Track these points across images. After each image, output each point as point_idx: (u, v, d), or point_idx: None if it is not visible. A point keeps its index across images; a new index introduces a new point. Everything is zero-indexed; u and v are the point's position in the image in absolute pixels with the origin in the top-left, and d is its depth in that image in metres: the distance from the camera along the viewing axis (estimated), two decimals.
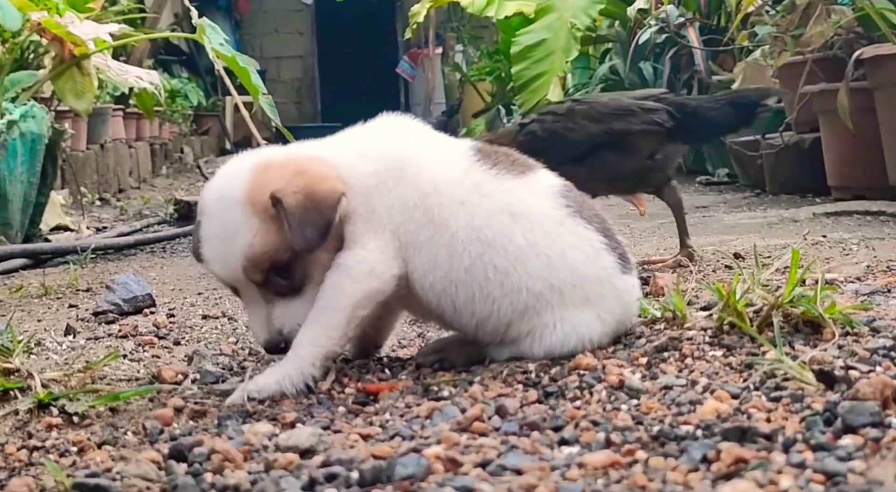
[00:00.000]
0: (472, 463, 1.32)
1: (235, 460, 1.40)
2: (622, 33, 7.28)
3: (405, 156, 1.77)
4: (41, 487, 1.32)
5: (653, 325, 2.02)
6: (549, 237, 1.75)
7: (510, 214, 1.74)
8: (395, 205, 1.73)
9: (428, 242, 1.73)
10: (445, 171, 1.77)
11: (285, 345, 1.69)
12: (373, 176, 1.73)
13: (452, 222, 1.73)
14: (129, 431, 1.56)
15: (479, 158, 1.79)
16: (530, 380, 1.73)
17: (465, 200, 1.75)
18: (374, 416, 1.61)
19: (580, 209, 1.80)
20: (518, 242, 1.74)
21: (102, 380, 1.82)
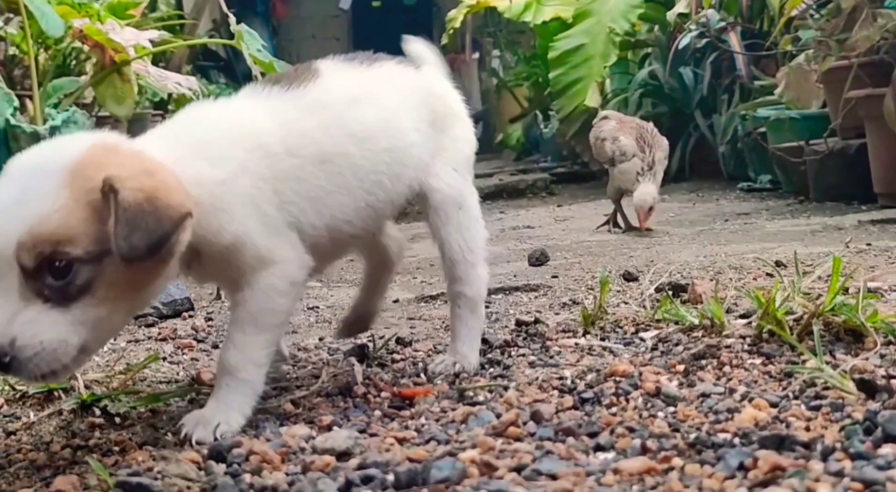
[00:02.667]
0: (507, 467, 1.35)
1: (273, 462, 1.43)
2: (661, 38, 7.25)
3: (251, 131, 1.62)
4: (85, 484, 1.37)
5: (690, 332, 2.03)
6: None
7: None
8: (279, 185, 1.61)
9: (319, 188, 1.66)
10: (287, 115, 1.66)
11: (6, 362, 1.32)
12: (243, 177, 1.57)
13: (337, 157, 1.68)
14: (170, 432, 1.61)
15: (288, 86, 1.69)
16: (566, 386, 1.75)
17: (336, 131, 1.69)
18: (410, 420, 1.63)
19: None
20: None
21: (143, 382, 1.87)
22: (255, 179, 1.58)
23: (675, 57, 6.79)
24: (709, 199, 5.82)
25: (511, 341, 2.12)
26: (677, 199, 5.85)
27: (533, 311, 2.50)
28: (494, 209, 6.34)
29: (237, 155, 1.57)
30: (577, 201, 6.42)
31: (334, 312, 2.71)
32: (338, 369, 1.91)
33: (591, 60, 7.10)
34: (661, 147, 4.39)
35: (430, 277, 3.47)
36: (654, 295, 2.54)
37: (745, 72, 6.38)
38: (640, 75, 7.21)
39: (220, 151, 1.57)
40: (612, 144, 4.42)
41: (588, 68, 7.07)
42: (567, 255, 3.82)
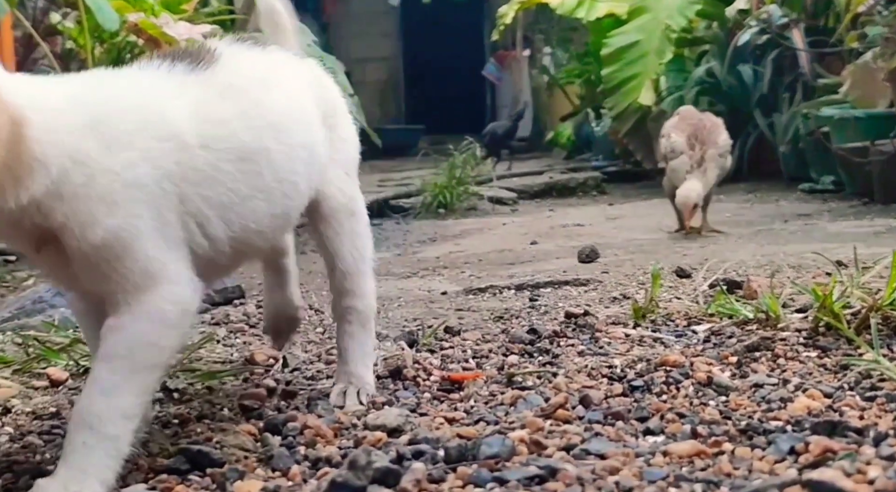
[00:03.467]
0: (556, 447, 1.40)
1: (326, 436, 1.51)
2: (720, 35, 7.21)
3: (162, 115, 1.36)
4: (148, 452, 1.46)
5: (744, 326, 2.06)
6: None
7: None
8: (187, 188, 1.34)
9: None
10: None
11: None
12: (142, 169, 1.30)
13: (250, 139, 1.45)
14: (226, 407, 1.69)
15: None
16: (615, 374, 1.79)
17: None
18: (459, 402, 1.69)
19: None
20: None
21: (199, 361, 1.97)
22: (159, 176, 1.31)
23: (734, 54, 6.75)
24: (767, 199, 5.79)
25: (560, 332, 2.17)
26: (734, 199, 5.83)
27: (582, 304, 2.54)
28: (544, 207, 6.38)
29: (141, 143, 1.31)
30: (629, 200, 6.43)
31: (382, 302, 2.78)
32: (387, 353, 1.98)
33: (645, 57, 7.09)
34: (715, 144, 4.36)
35: (479, 271, 3.53)
36: (707, 291, 2.57)
37: (808, 69, 6.32)
38: (697, 73, 7.18)
39: (119, 135, 1.30)
40: (666, 140, 4.44)
41: (642, 65, 7.07)
42: (618, 252, 3.85)
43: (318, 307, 2.69)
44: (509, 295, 2.85)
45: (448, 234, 5.13)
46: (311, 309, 2.67)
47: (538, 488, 1.23)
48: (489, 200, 6.40)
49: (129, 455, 1.29)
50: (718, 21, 7.26)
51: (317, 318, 2.54)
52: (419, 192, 6.40)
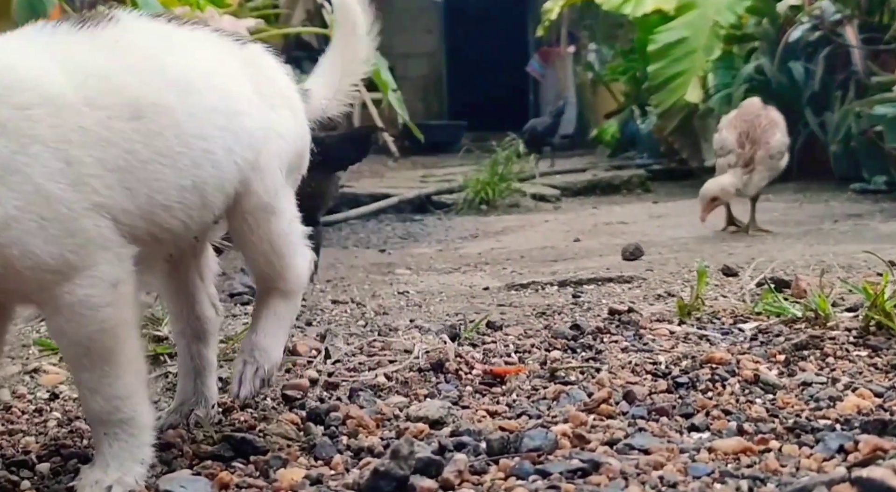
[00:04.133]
0: (600, 441, 1.40)
1: (368, 427, 1.53)
2: (770, 31, 7.11)
3: (26, 77, 1.24)
4: (192, 438, 1.49)
5: (792, 324, 2.04)
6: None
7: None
8: (73, 150, 1.22)
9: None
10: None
11: None
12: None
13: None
14: (269, 397, 1.72)
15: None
16: (660, 371, 1.79)
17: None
18: (501, 396, 1.70)
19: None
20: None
21: None
22: (24, 145, 1.18)
23: (785, 51, 6.65)
24: (817, 199, 5.70)
25: (603, 328, 2.16)
26: (783, 198, 5.75)
27: (626, 301, 2.53)
28: (587, 204, 6.35)
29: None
30: (674, 199, 6.37)
31: (423, 297, 2.79)
32: (430, 347, 1.99)
33: (693, 54, 7.02)
34: (766, 145, 4.28)
35: (521, 267, 3.53)
36: (754, 290, 2.54)
37: (861, 67, 6.21)
38: (746, 70, 7.09)
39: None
40: (718, 135, 4.39)
41: (690, 62, 7.00)
42: (662, 250, 3.82)
43: (359, 300, 2.71)
44: (552, 291, 2.84)
45: (490, 230, 5.13)
46: (353, 302, 2.69)
47: (581, 481, 1.24)
48: (532, 196, 6.39)
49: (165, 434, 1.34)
50: (769, 17, 7.16)
51: (358, 311, 2.56)
52: (461, 188, 6.41)
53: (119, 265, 1.25)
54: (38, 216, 1.18)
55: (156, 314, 2.07)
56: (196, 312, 1.61)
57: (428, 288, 2.98)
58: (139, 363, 1.32)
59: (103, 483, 1.26)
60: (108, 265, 1.24)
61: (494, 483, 1.25)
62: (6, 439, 1.53)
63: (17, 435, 1.56)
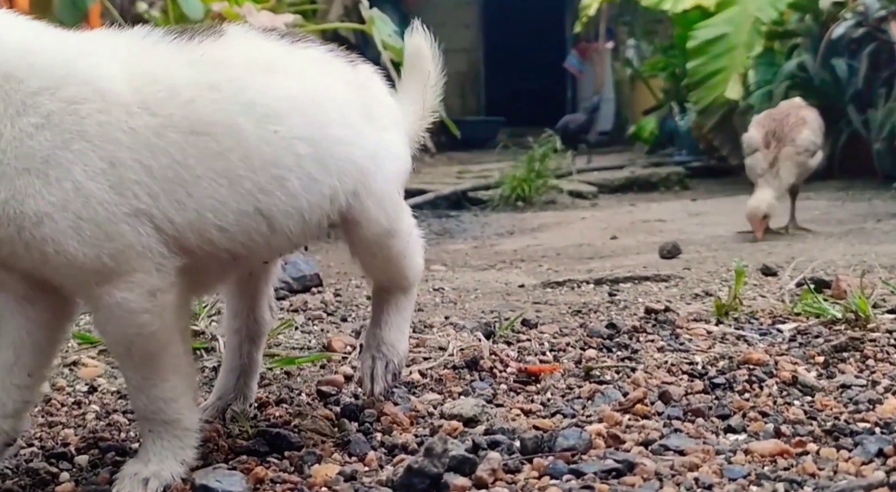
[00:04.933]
0: (634, 441, 1.39)
1: (403, 424, 1.53)
2: (813, 27, 7.01)
3: (82, 73, 1.22)
4: (228, 433, 1.51)
5: (832, 326, 2.01)
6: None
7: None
8: (117, 152, 1.20)
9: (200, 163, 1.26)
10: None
11: None
12: (43, 136, 1.18)
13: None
14: (303, 392, 1.73)
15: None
16: (696, 371, 1.77)
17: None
18: (536, 395, 1.70)
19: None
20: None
21: (277, 346, 2.02)
22: (67, 140, 1.17)
23: (828, 48, 6.55)
24: (860, 198, 5.62)
25: (639, 327, 2.15)
26: (825, 197, 5.67)
27: (663, 300, 2.51)
28: (624, 202, 6.32)
29: (42, 103, 1.17)
30: (713, 197, 6.32)
31: (459, 294, 2.80)
32: (464, 344, 2.00)
33: (733, 50, 6.95)
34: (792, 143, 4.20)
35: (557, 265, 3.52)
36: (793, 290, 2.51)
37: None
38: (788, 67, 6.99)
39: (18, 94, 1.17)
40: (746, 134, 4.34)
41: (730, 59, 6.93)
42: (700, 249, 3.79)
43: None
44: (588, 289, 2.83)
45: (526, 227, 5.12)
46: None
47: (615, 481, 1.23)
48: (568, 193, 6.37)
49: (204, 429, 1.35)
50: (812, 13, 7.06)
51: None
52: (498, 184, 6.41)
53: (158, 276, 1.23)
54: (74, 215, 1.17)
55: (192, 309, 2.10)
56: (255, 314, 1.62)
57: (463, 285, 2.99)
58: (185, 368, 1.32)
59: (141, 475, 1.29)
60: (146, 274, 1.22)
61: (528, 482, 1.25)
62: (46, 431, 1.57)
63: (56, 427, 1.59)
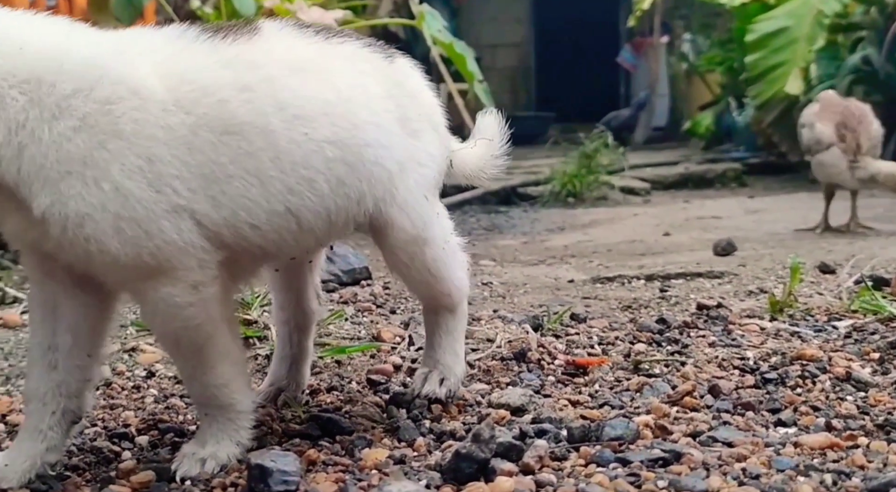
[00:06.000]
0: (682, 433, 1.42)
1: (451, 412, 1.58)
2: (878, 20, 6.88)
3: (116, 74, 1.26)
4: (281, 417, 1.57)
5: (889, 323, 2.01)
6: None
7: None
8: (155, 148, 1.24)
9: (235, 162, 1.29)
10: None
11: None
12: (81, 138, 1.21)
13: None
14: (354, 380, 1.79)
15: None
16: (747, 366, 1.79)
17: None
18: (584, 386, 1.73)
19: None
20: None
21: (328, 336, 2.08)
22: (103, 141, 1.21)
23: (894, 41, 6.43)
24: None
25: (691, 323, 2.16)
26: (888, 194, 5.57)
27: (716, 296, 2.52)
28: (678, 198, 6.28)
29: (78, 106, 1.21)
30: (771, 193, 6.25)
31: (507, 288, 2.84)
32: (512, 336, 2.04)
33: (794, 44, 6.85)
34: (868, 134, 4.16)
35: (607, 260, 3.54)
36: (851, 287, 2.51)
37: None
38: (852, 61, 6.89)
39: (51, 97, 1.21)
40: (809, 130, 4.29)
41: (791, 52, 6.83)
42: (756, 246, 3.77)
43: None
44: (638, 285, 2.85)
45: (576, 223, 5.14)
46: None
47: (661, 470, 1.26)
48: (620, 189, 6.36)
49: (258, 413, 1.41)
50: (877, 6, 6.94)
51: None
52: (548, 180, 6.42)
53: (200, 270, 1.27)
54: (113, 215, 1.21)
55: (245, 299, 2.17)
56: (302, 305, 1.67)
57: (512, 280, 3.02)
58: (234, 354, 1.37)
59: (198, 456, 1.36)
60: (187, 270, 1.27)
61: (574, 469, 1.29)
62: (108, 413, 1.64)
63: (117, 409, 1.66)
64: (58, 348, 1.35)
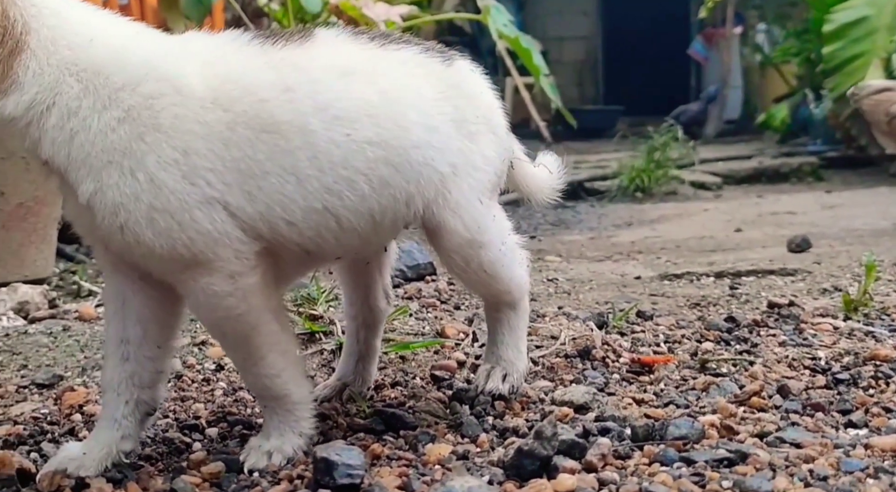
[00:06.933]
0: (749, 433, 1.41)
1: (514, 409, 1.60)
2: None
3: (161, 70, 1.32)
4: (346, 411, 1.61)
5: None
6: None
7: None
8: (192, 141, 1.29)
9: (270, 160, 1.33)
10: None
11: None
12: (124, 129, 1.28)
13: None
14: (418, 376, 1.82)
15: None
16: (819, 366, 1.77)
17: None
18: (649, 385, 1.73)
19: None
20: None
21: (393, 332, 2.11)
22: (142, 133, 1.27)
23: None
24: None
25: (761, 321, 2.14)
26: None
27: (788, 294, 2.48)
28: (751, 193, 6.18)
29: (124, 98, 1.28)
30: (849, 188, 6.10)
31: (573, 284, 2.84)
32: (577, 333, 2.04)
33: (874, 34, 6.66)
34: None
35: (676, 257, 3.51)
36: None
37: None
38: None
39: (105, 89, 1.28)
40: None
41: (871, 43, 6.65)
42: (833, 242, 3.69)
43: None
44: (707, 282, 2.82)
45: (644, 218, 5.09)
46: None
47: (726, 470, 1.26)
48: (690, 184, 6.28)
49: (321, 406, 1.45)
50: None
51: None
52: (615, 174, 6.38)
53: (237, 261, 1.31)
54: (148, 206, 1.26)
55: (311, 294, 2.22)
56: (370, 303, 1.71)
57: (578, 276, 3.02)
58: (284, 344, 1.40)
59: (263, 449, 1.40)
60: (223, 261, 1.30)
61: (638, 468, 1.30)
62: (179, 405, 1.70)
63: (188, 402, 1.72)
64: (129, 341, 1.41)
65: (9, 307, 2.54)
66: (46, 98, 1.26)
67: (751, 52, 10.68)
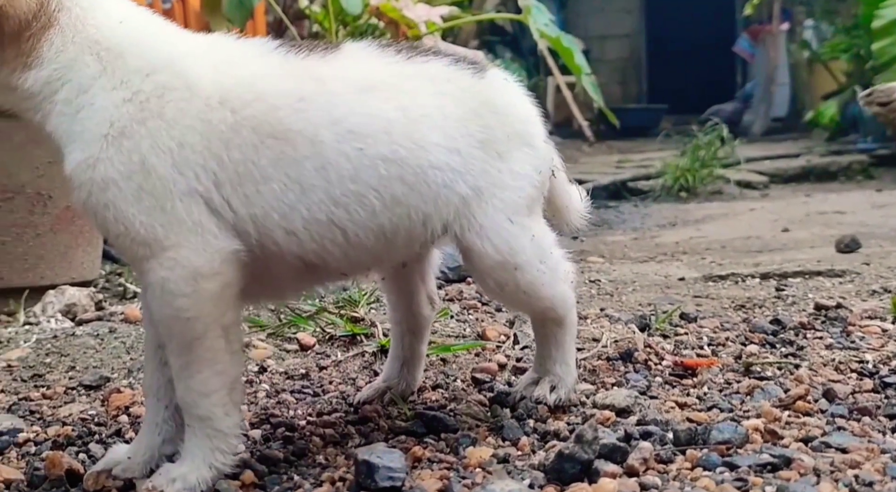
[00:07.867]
0: (793, 438, 1.40)
1: (555, 413, 1.60)
2: None
3: (175, 66, 1.35)
4: (387, 414, 1.62)
5: None
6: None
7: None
8: (187, 134, 1.31)
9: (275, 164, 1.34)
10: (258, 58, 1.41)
11: None
12: (127, 106, 1.31)
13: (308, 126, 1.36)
14: (458, 379, 1.83)
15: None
16: (867, 370, 1.75)
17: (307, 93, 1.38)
18: (692, 388, 1.72)
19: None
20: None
21: (434, 334, 2.12)
22: (146, 118, 1.30)
23: None
24: None
25: (807, 324, 2.12)
26: None
27: (836, 296, 2.46)
28: (799, 192, 6.10)
29: (135, 82, 1.31)
30: None
31: (615, 286, 2.83)
32: (618, 336, 2.04)
33: None
34: None
35: (721, 258, 3.48)
36: None
37: None
38: None
39: (119, 71, 1.32)
40: None
41: None
42: (884, 243, 3.64)
43: None
44: (753, 284, 2.80)
45: (689, 218, 5.05)
46: None
47: (770, 475, 1.25)
48: (736, 183, 6.22)
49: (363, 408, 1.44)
50: None
51: None
52: (659, 174, 6.33)
53: (205, 255, 1.29)
54: (137, 186, 1.28)
55: (352, 296, 2.25)
56: (413, 309, 1.71)
57: (620, 277, 3.01)
58: (225, 365, 1.33)
59: (171, 474, 1.33)
60: (191, 251, 1.29)
61: (680, 472, 1.29)
62: None
63: None
64: (165, 345, 1.41)
65: (57, 309, 2.61)
66: (63, 74, 1.30)
67: (798, 48, 10.53)
